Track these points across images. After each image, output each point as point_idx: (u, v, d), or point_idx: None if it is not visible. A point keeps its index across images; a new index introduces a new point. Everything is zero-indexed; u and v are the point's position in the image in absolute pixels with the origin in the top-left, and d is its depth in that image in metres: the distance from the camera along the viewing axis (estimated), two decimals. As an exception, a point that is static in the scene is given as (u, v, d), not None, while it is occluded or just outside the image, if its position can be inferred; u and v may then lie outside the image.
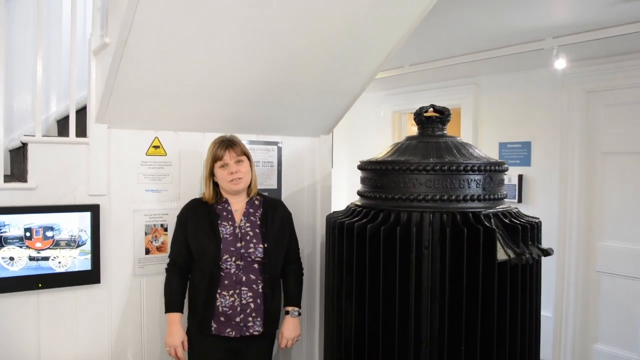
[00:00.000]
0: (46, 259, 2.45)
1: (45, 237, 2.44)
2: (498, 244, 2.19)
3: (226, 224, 2.53)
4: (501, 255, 2.20)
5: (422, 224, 2.26)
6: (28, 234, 2.41)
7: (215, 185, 2.58)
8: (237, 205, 2.59)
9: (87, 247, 2.55)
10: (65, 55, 3.24)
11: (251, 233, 2.53)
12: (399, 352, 2.27)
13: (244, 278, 2.48)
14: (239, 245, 2.49)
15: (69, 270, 2.51)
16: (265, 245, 2.51)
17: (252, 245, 2.50)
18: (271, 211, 2.63)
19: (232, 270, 2.47)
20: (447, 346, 2.22)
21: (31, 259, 2.42)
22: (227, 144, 2.52)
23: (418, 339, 2.25)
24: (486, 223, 2.21)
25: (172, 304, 2.52)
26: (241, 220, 2.55)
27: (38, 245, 2.43)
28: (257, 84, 2.64)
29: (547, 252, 2.37)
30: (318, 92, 2.87)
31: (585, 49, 3.87)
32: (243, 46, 2.37)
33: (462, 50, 4.38)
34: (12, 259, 2.38)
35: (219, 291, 2.46)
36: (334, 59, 2.64)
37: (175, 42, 2.24)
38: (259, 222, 2.57)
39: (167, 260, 2.63)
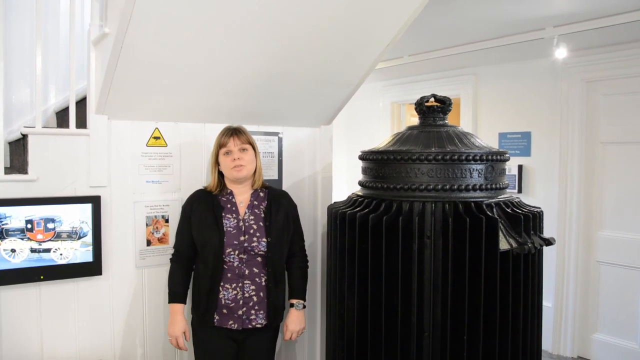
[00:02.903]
0: (47, 250, 2.45)
1: (47, 229, 2.44)
2: (500, 234, 2.19)
3: (230, 216, 2.52)
4: (503, 244, 2.20)
5: (424, 214, 2.25)
6: (29, 225, 2.40)
7: (221, 175, 2.58)
8: (242, 196, 2.58)
9: (89, 238, 2.54)
10: (64, 46, 3.22)
11: (255, 226, 2.52)
12: (401, 342, 2.28)
13: (247, 271, 2.48)
14: (242, 238, 2.47)
15: (71, 262, 2.50)
16: (269, 240, 2.51)
17: (255, 239, 2.49)
18: (276, 203, 2.61)
19: (235, 264, 2.46)
20: (449, 336, 2.22)
21: (32, 250, 2.41)
22: (233, 131, 2.53)
23: (420, 329, 2.26)
24: (488, 212, 2.21)
25: (174, 295, 2.54)
26: (245, 213, 2.54)
27: (39, 237, 2.43)
28: (257, 74, 2.63)
29: (549, 242, 2.37)
30: (318, 83, 2.86)
31: (585, 38, 3.85)
32: (243, 36, 2.36)
33: (462, 40, 4.35)
34: (13, 250, 2.37)
35: (221, 284, 2.46)
36: (334, 49, 2.63)
37: (176, 32, 2.22)
38: (263, 215, 2.56)
39: (169, 252, 2.63)
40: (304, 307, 2.70)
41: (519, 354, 2.32)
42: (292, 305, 2.68)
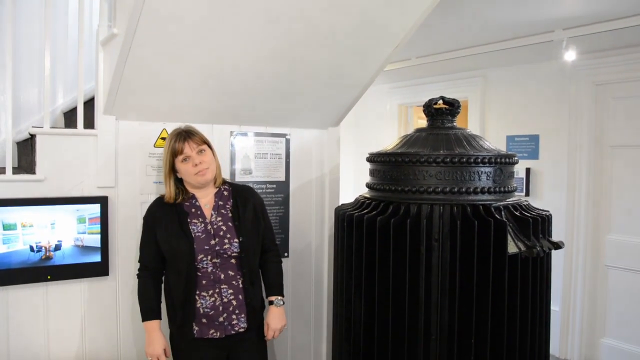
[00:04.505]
0: (55, 250, 2.45)
1: (54, 229, 2.44)
2: (509, 237, 2.17)
3: (196, 221, 2.38)
4: (512, 248, 2.18)
5: (432, 217, 2.24)
6: (37, 225, 2.40)
7: (178, 181, 2.43)
8: (206, 199, 2.45)
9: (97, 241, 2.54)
10: (72, 46, 3.23)
11: (224, 228, 2.39)
12: (408, 345, 2.26)
13: (222, 276, 2.35)
14: (212, 242, 2.34)
15: (78, 262, 2.50)
16: (241, 239, 2.38)
17: (226, 240, 2.36)
18: (242, 201, 2.48)
19: (209, 269, 2.33)
20: (456, 339, 2.20)
21: (40, 250, 2.42)
22: (185, 135, 2.35)
23: (428, 332, 2.24)
24: (497, 216, 2.19)
25: (149, 312, 2.38)
26: (212, 215, 2.41)
27: (47, 237, 2.43)
28: (265, 75, 2.62)
29: (557, 245, 2.35)
30: (326, 84, 2.86)
31: (595, 40, 3.83)
32: (252, 38, 2.36)
33: (470, 42, 4.34)
34: (21, 250, 2.38)
35: (197, 292, 2.32)
36: (342, 50, 2.62)
37: (184, 33, 2.22)
38: (230, 215, 2.43)
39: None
40: (283, 303, 2.57)
41: (526, 358, 2.30)
42: (271, 302, 2.53)
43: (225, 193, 2.50)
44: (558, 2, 3.25)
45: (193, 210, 2.41)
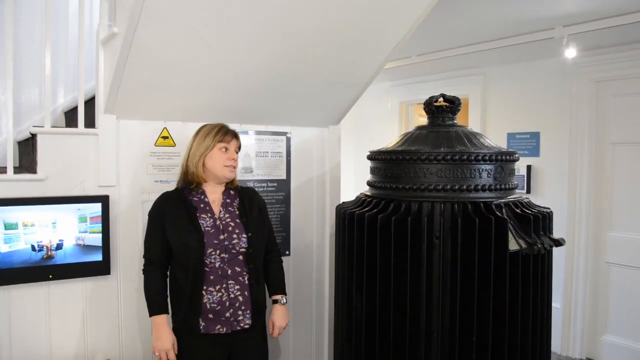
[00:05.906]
0: (56, 249, 2.45)
1: (56, 228, 2.44)
2: (510, 234, 2.17)
3: (205, 216, 2.40)
4: (513, 245, 2.18)
5: (433, 214, 2.24)
6: (38, 224, 2.40)
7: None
8: (214, 195, 2.48)
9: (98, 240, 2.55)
10: (73, 46, 3.23)
11: (232, 224, 2.43)
12: (410, 343, 2.27)
13: (229, 271, 2.37)
14: (222, 237, 2.37)
15: (80, 261, 2.51)
16: (249, 235, 2.42)
17: (235, 235, 2.40)
18: (248, 200, 2.53)
19: (217, 264, 2.35)
20: (458, 337, 2.21)
21: (41, 249, 2.42)
22: (234, 133, 2.48)
23: (429, 330, 2.25)
24: (498, 213, 2.19)
25: (156, 306, 2.38)
26: (220, 212, 2.44)
27: (48, 236, 2.43)
28: (266, 73, 2.63)
29: (558, 242, 2.35)
30: (327, 82, 2.86)
31: (595, 37, 3.83)
32: (252, 36, 2.36)
33: (471, 40, 4.34)
34: (22, 250, 2.38)
35: (205, 287, 2.33)
36: (343, 49, 2.62)
37: (184, 31, 2.22)
38: (237, 212, 2.47)
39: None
40: (286, 301, 2.62)
41: (528, 355, 2.30)
42: (275, 301, 2.59)
43: (232, 192, 2.53)
44: (558, -1, 3.25)
45: (202, 205, 2.43)
